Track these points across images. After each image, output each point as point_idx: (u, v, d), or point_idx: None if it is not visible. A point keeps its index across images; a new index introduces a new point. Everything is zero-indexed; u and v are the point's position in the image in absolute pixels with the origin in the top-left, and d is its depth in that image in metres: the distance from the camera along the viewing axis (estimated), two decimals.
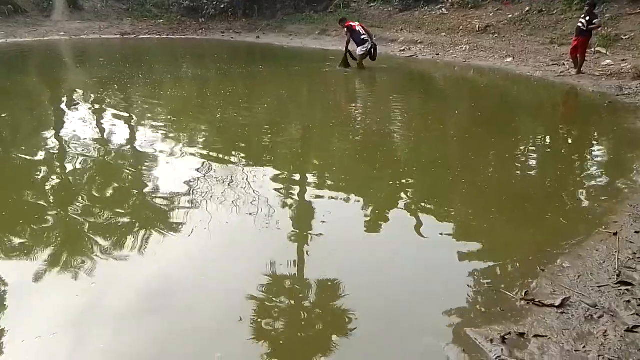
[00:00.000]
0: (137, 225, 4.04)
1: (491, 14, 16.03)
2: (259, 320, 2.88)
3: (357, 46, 11.44)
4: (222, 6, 22.77)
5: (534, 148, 6.43)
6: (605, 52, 11.60)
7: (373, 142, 6.50)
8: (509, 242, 3.84)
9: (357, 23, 11.85)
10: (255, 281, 3.21)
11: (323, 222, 4.10)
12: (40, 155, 5.90)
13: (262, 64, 14.35)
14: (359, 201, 4.61)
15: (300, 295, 3.15)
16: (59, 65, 14.61)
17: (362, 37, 11.34)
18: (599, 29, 10.94)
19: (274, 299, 3.09)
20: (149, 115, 8.06)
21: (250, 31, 21.66)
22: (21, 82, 11.18)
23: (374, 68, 11.79)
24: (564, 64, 11.37)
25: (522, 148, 6.39)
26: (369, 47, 11.43)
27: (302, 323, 2.92)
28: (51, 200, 4.58)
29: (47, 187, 4.93)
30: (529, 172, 5.56)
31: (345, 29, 11.60)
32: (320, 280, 3.26)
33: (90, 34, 21.32)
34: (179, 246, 3.75)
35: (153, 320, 2.89)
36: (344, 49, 11.72)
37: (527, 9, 15.15)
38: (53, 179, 5.21)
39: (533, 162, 5.89)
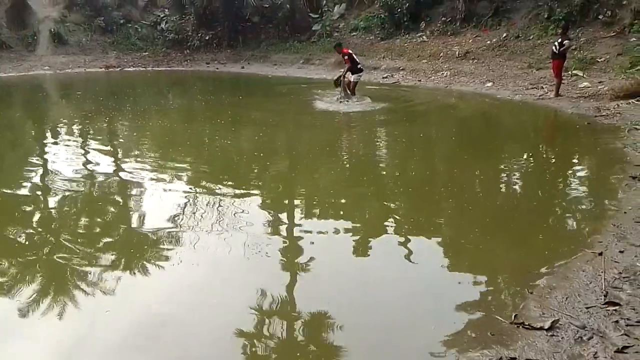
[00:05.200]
0: (125, 257, 4.00)
1: (470, 41, 16.42)
2: (248, 350, 2.85)
3: (352, 74, 11.52)
4: (207, 38, 23.05)
5: (517, 170, 6.52)
6: (582, 74, 11.90)
7: (360, 168, 6.54)
8: (496, 264, 3.86)
9: (350, 50, 11.96)
10: (245, 311, 3.18)
11: (311, 246, 4.11)
12: (27, 190, 5.83)
13: (245, 94, 14.46)
14: (347, 226, 4.61)
15: (290, 323, 3.12)
16: (44, 99, 14.57)
17: (359, 66, 11.49)
18: (571, 48, 11.24)
19: (264, 324, 3.06)
20: (135, 147, 8.04)
21: (235, 61, 21.88)
22: (6, 116, 11.11)
23: (358, 96, 11.90)
24: (542, 87, 11.64)
25: (505, 170, 6.48)
26: (361, 75, 11.59)
27: (292, 351, 2.89)
28: (37, 236, 4.52)
29: (32, 222, 4.86)
30: (513, 194, 5.62)
31: (347, 57, 11.59)
32: (309, 309, 3.23)
33: (75, 67, 21.37)
34: (168, 278, 3.72)
35: (144, 352, 2.87)
36: (343, 77, 11.60)
37: (505, 35, 15.56)
38: (39, 213, 5.14)
39: (517, 184, 5.96)
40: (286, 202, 5.40)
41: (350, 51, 11.81)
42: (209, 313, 3.26)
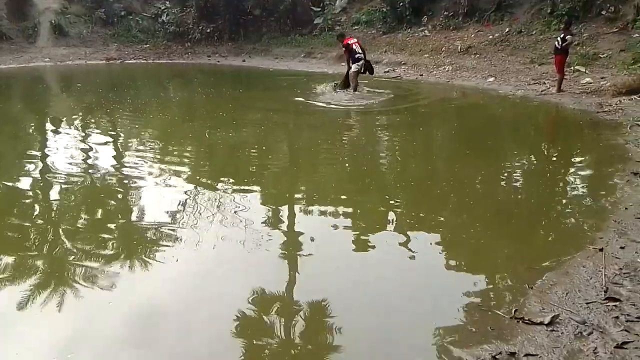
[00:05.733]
0: (126, 251, 4.00)
1: (472, 35, 16.36)
2: (248, 344, 2.86)
3: (352, 63, 11.43)
4: (208, 31, 22.98)
5: (518, 165, 6.51)
6: (584, 70, 11.86)
7: (361, 162, 6.54)
8: (496, 259, 3.86)
9: (354, 40, 11.78)
10: (245, 306, 3.18)
11: (312, 241, 4.11)
12: (27, 182, 5.83)
13: (247, 87, 14.44)
14: (347, 221, 4.61)
15: (290, 318, 3.12)
16: (44, 91, 14.56)
17: (357, 55, 11.32)
18: (573, 44, 11.21)
19: (263, 323, 3.06)
20: (136, 139, 8.03)
21: (236, 55, 21.84)
22: (5, 108, 11.10)
23: (361, 89, 11.85)
24: (544, 83, 11.60)
25: (507, 166, 6.46)
26: (362, 64, 11.46)
27: (292, 346, 2.90)
28: (39, 228, 4.52)
29: (32, 214, 4.85)
30: (514, 189, 5.61)
31: (344, 48, 11.59)
32: (309, 303, 3.23)
33: (75, 59, 21.33)
34: (169, 271, 3.71)
35: (145, 345, 2.88)
36: (347, 68, 11.64)
37: (507, 30, 15.51)
38: (39, 206, 5.13)
39: (518, 180, 5.95)
40: (287, 196, 5.39)
41: (353, 40, 11.64)
42: (210, 307, 3.27)
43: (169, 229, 4.36)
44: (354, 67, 11.36)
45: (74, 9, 24.24)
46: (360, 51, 11.39)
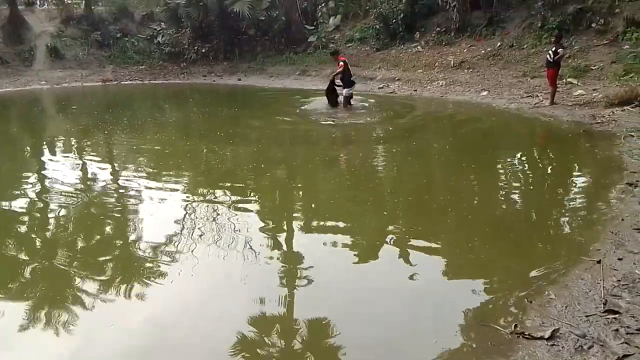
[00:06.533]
0: (126, 273, 4.02)
1: (465, 50, 16.54)
2: (251, 355, 2.86)
3: (345, 86, 11.45)
4: (203, 50, 23.16)
5: (514, 178, 6.54)
6: (576, 82, 11.98)
7: (358, 178, 6.56)
8: (495, 273, 3.86)
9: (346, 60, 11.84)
10: (246, 323, 3.19)
11: (311, 260, 4.11)
12: (24, 205, 5.82)
13: (242, 106, 14.52)
14: (346, 235, 4.62)
15: (291, 334, 3.12)
16: (40, 114, 14.61)
17: (352, 78, 11.42)
18: (564, 57, 11.34)
19: (264, 338, 3.07)
20: (133, 160, 8.04)
21: (231, 74, 21.97)
22: (3, 132, 11.12)
23: (356, 105, 11.94)
24: (537, 96, 11.71)
25: (503, 179, 6.50)
26: (354, 89, 11.53)
27: (294, 357, 2.90)
28: (38, 250, 4.52)
29: (30, 238, 4.86)
30: (511, 203, 5.64)
31: (341, 63, 11.53)
32: (310, 319, 3.24)
33: (71, 82, 21.41)
34: (169, 290, 3.72)
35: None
36: (333, 81, 11.65)
37: (499, 44, 15.69)
38: (37, 229, 5.14)
39: (515, 193, 5.98)
40: (285, 214, 5.41)
41: (347, 60, 11.79)
42: (211, 325, 3.27)
43: (168, 250, 4.36)
44: (345, 92, 11.42)
45: (70, 31, 24.42)
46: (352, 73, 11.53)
